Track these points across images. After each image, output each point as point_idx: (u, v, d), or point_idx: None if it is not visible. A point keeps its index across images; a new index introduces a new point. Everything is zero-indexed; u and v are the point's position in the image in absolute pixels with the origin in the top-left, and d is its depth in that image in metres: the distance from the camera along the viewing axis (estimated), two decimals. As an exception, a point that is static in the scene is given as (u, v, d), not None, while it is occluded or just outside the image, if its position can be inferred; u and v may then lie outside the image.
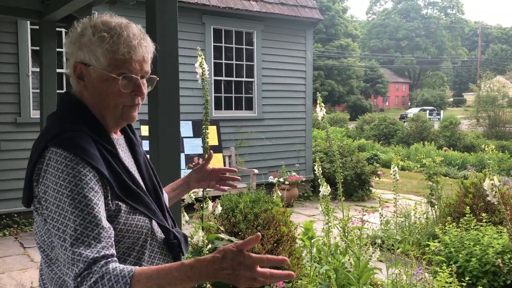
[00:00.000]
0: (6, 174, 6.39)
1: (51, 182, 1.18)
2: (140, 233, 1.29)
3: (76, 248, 1.11)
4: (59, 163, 1.18)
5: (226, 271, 1.08)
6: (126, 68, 1.29)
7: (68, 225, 1.13)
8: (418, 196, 9.04)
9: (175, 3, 2.40)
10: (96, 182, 1.20)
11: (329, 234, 3.64)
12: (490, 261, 4.30)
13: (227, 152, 8.31)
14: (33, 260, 5.22)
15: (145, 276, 1.09)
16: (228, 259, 1.09)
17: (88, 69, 1.29)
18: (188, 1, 7.61)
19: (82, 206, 1.15)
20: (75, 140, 1.21)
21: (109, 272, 1.08)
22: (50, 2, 3.98)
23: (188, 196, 3.38)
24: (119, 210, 1.24)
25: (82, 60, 1.29)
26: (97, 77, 1.29)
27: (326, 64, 47.03)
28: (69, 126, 1.25)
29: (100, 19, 1.31)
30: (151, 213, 1.32)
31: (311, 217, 7.38)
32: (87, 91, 1.32)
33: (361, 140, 18.70)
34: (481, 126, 25.00)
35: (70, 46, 1.31)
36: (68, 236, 1.12)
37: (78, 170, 1.17)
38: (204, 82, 3.17)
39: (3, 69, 6.43)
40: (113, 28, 1.28)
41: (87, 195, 1.16)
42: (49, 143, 1.22)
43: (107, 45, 1.26)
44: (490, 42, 71.10)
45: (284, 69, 9.14)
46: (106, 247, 1.13)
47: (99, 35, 1.27)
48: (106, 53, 1.27)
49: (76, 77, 1.31)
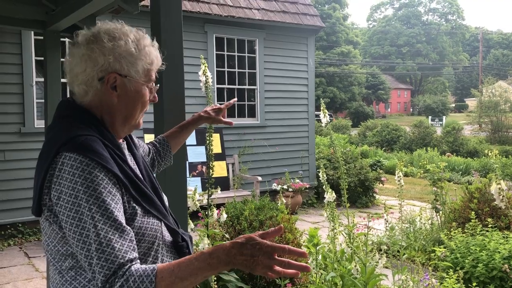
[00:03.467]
0: (11, 184, 6.40)
1: (66, 187, 1.16)
2: (154, 236, 1.29)
3: (101, 253, 1.11)
4: (74, 167, 1.17)
5: (245, 257, 1.09)
6: (150, 78, 1.35)
7: (90, 230, 1.13)
8: (422, 202, 9.01)
9: (180, 11, 2.42)
10: (113, 185, 1.20)
11: (334, 241, 3.63)
12: (497, 266, 4.27)
13: (230, 160, 8.31)
14: (38, 270, 5.21)
15: (167, 272, 1.10)
16: (249, 245, 1.09)
17: (123, 80, 1.31)
18: (190, 10, 7.66)
19: (102, 210, 1.14)
20: (89, 144, 1.20)
21: (133, 274, 1.09)
22: (54, 12, 4.01)
23: (193, 204, 3.38)
24: (135, 214, 1.25)
25: (118, 71, 1.30)
26: (132, 88, 1.32)
27: (328, 71, 47.14)
28: (81, 131, 1.24)
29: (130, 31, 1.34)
30: (162, 216, 1.33)
31: (315, 224, 7.36)
32: (117, 101, 1.32)
33: (364, 147, 18.67)
34: (484, 131, 24.96)
35: (100, 57, 1.28)
36: (92, 241, 1.12)
37: (95, 175, 1.17)
38: (207, 90, 3.19)
39: (7, 79, 6.47)
40: (146, 40, 1.34)
41: (105, 199, 1.16)
42: (62, 149, 1.20)
43: (146, 58, 1.32)
44: (491, 48, 71.18)
45: (286, 76, 9.16)
46: (128, 251, 1.14)
47: (141, 49, 1.31)
48: (144, 66, 1.32)
49: (109, 87, 1.30)
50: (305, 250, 3.69)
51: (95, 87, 1.30)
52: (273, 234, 1.13)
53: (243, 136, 8.60)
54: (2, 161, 6.40)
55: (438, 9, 75.44)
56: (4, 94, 6.45)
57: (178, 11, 2.40)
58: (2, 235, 6.33)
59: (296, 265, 1.12)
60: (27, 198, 6.39)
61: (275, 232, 1.13)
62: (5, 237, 6.33)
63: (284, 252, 1.11)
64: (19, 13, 4.13)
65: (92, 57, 1.28)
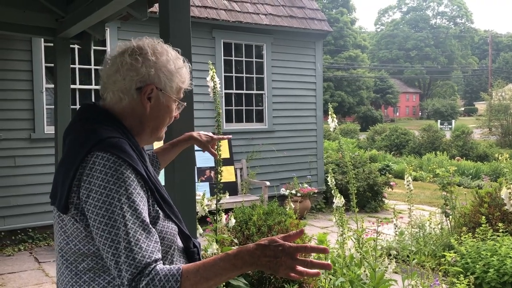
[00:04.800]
0: (21, 189, 6.46)
1: (97, 186, 1.19)
2: (172, 240, 1.32)
3: (130, 252, 1.14)
4: (107, 167, 1.20)
5: (268, 258, 1.12)
6: (180, 95, 1.44)
7: (120, 228, 1.16)
8: (432, 207, 8.94)
9: (188, 17, 2.44)
10: (141, 187, 1.24)
11: (343, 246, 3.62)
12: (508, 271, 4.23)
13: (238, 165, 8.32)
14: (48, 275, 5.24)
15: (192, 272, 1.13)
16: (272, 246, 1.13)
17: (158, 93, 1.37)
18: (198, 16, 7.70)
19: (132, 210, 1.18)
20: (121, 146, 1.24)
21: (158, 273, 1.12)
22: (64, 19, 4.05)
23: (201, 209, 3.39)
24: (158, 217, 1.29)
25: (156, 84, 1.36)
26: (164, 102, 1.39)
27: (336, 75, 47.08)
28: (111, 133, 1.28)
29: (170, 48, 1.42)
30: (178, 221, 1.37)
31: (324, 229, 7.33)
32: (149, 112, 1.38)
33: (373, 151, 18.59)
34: (494, 135, 24.74)
35: (142, 68, 1.34)
36: (121, 239, 1.15)
37: (127, 175, 1.20)
38: (215, 95, 3.20)
39: (17, 86, 6.54)
40: (180, 60, 1.43)
41: (135, 199, 1.19)
42: (93, 148, 1.23)
43: (181, 76, 1.41)
44: (501, 51, 70.61)
45: (294, 81, 9.17)
46: (154, 251, 1.17)
47: (178, 67, 1.40)
48: (179, 83, 1.40)
49: (145, 97, 1.36)
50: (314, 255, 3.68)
51: (132, 95, 1.35)
52: (295, 236, 1.18)
53: (251, 141, 8.61)
54: (13, 167, 6.46)
55: (446, 13, 75.11)
56: (14, 101, 6.52)
57: (187, 18, 2.42)
58: (13, 240, 6.38)
59: (318, 264, 1.15)
60: (37, 203, 6.45)
61: (297, 234, 1.18)
62: (15, 242, 6.38)
63: (306, 251, 1.16)
64: (30, 21, 4.18)
65: (135, 67, 1.34)
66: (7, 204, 6.38)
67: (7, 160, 6.43)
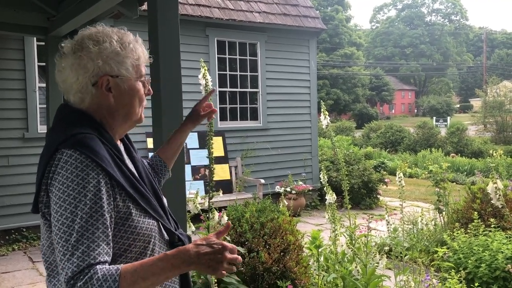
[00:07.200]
0: (15, 189, 6.44)
1: (59, 182, 1.19)
2: (149, 235, 1.32)
3: (76, 250, 1.13)
4: (68, 164, 1.20)
5: (209, 256, 1.16)
6: (140, 73, 1.39)
7: (70, 226, 1.15)
8: (426, 203, 8.98)
9: (177, 18, 2.44)
10: (104, 184, 1.21)
11: (335, 242, 3.64)
12: (500, 266, 4.26)
13: (233, 163, 8.33)
14: (42, 274, 5.24)
15: (130, 272, 1.13)
16: (208, 244, 1.17)
17: (115, 81, 1.34)
18: (191, 14, 7.69)
19: (87, 208, 1.17)
20: (86, 142, 1.23)
21: (97, 272, 1.11)
22: (56, 18, 4.05)
23: (194, 207, 3.40)
24: (130, 213, 1.27)
25: (109, 73, 1.33)
26: (126, 86, 1.36)
27: (331, 73, 47.09)
28: (79, 130, 1.27)
29: (112, 31, 1.36)
30: (158, 216, 1.35)
31: (318, 226, 7.36)
32: (114, 102, 1.35)
33: (368, 148, 18.65)
34: (489, 131, 24.86)
35: (89, 63, 1.31)
36: (71, 237, 1.14)
37: (87, 173, 1.19)
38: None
39: (10, 85, 6.52)
40: (129, 36, 1.37)
41: (93, 198, 1.18)
42: (60, 145, 1.24)
43: (132, 54, 1.35)
44: (495, 47, 70.82)
45: (288, 78, 9.18)
46: (102, 253, 1.15)
47: (126, 46, 1.34)
48: (133, 62, 1.35)
49: (104, 89, 1.33)
50: (307, 252, 3.70)
51: (91, 92, 1.33)
52: (224, 231, 1.25)
53: (245, 139, 8.61)
54: (6, 166, 6.45)
55: (441, 10, 75.25)
56: (7, 100, 6.50)
57: (175, 16, 2.42)
58: (7, 240, 6.37)
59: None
60: (31, 203, 6.41)
61: (225, 229, 1.25)
62: (9, 241, 6.37)
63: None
64: (22, 20, 4.18)
65: (81, 65, 1.31)
66: (1, 204, 6.37)
67: (1, 159, 6.42)
